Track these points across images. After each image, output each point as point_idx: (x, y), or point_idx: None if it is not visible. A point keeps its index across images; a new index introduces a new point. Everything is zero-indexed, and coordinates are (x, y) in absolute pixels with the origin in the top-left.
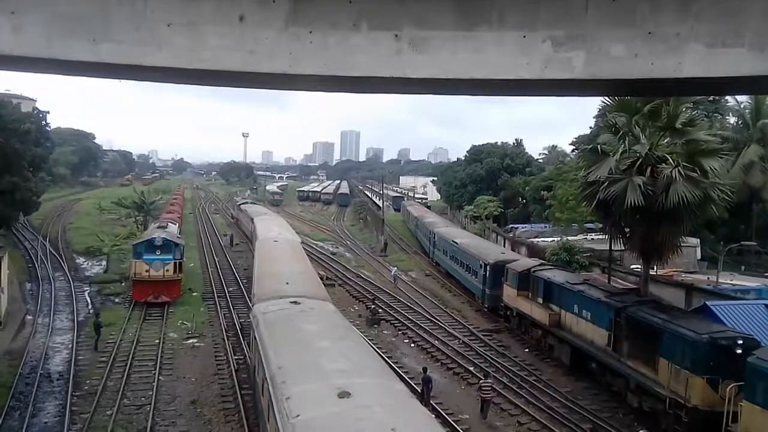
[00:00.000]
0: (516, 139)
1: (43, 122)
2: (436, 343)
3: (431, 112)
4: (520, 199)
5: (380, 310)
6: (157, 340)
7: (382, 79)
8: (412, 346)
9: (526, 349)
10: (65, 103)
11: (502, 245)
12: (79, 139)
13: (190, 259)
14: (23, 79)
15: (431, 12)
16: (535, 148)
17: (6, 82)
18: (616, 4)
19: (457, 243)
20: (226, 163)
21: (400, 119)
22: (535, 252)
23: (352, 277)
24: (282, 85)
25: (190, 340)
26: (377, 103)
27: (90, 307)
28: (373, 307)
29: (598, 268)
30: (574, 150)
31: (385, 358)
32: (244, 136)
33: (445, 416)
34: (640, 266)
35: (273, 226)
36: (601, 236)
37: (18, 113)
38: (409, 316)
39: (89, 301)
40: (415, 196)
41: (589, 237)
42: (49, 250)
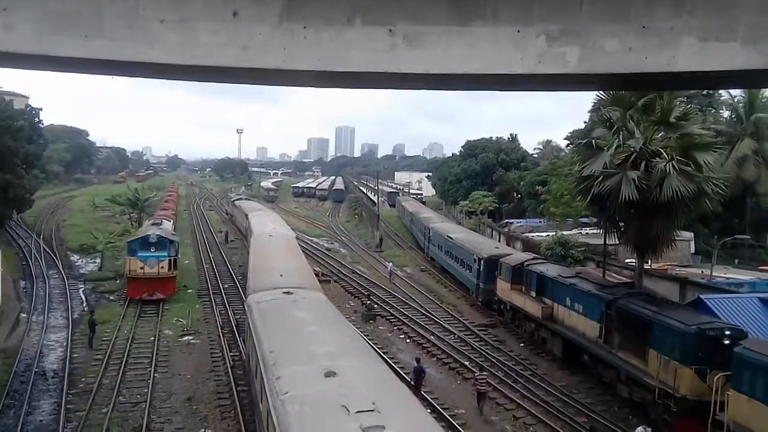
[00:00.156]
0: (511, 134)
1: (36, 119)
2: (432, 339)
3: (426, 108)
4: (515, 194)
5: (376, 306)
6: (153, 338)
7: (377, 74)
8: (408, 341)
9: (522, 344)
10: (58, 100)
11: (497, 240)
12: (73, 136)
13: (185, 256)
14: (16, 76)
15: (425, 7)
16: (530, 143)
17: None
18: None
19: (451, 238)
20: (221, 159)
21: (395, 115)
22: (530, 247)
23: (348, 273)
24: (276, 81)
25: (186, 337)
26: (372, 98)
27: (85, 304)
28: (369, 302)
29: (592, 262)
30: (568, 145)
31: (371, 344)
32: (239, 132)
33: (441, 411)
34: (634, 260)
35: (268, 222)
36: (595, 231)
37: (11, 110)
38: (405, 312)
39: (84, 298)
40: (410, 191)
41: (583, 231)
42: (43, 248)
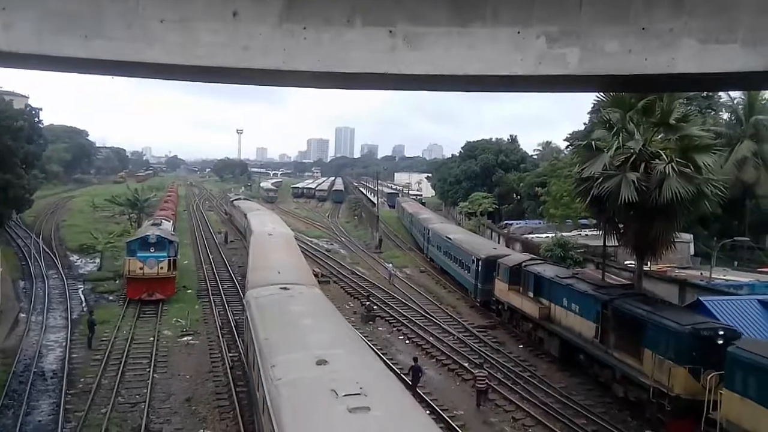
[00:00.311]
0: (510, 136)
1: (36, 119)
2: (431, 340)
3: (425, 109)
4: (515, 196)
5: (375, 307)
6: (152, 338)
7: (377, 75)
8: (407, 342)
9: (521, 345)
10: (58, 100)
11: (497, 241)
12: (72, 136)
13: (185, 256)
14: (15, 76)
15: (426, 8)
16: (530, 144)
17: None
18: (610, 0)
19: (450, 239)
20: (220, 159)
21: (395, 115)
22: (529, 248)
23: (347, 274)
24: (276, 82)
25: (185, 338)
26: (372, 99)
27: (84, 304)
28: (368, 303)
29: (592, 263)
30: (568, 146)
31: (363, 338)
32: (239, 132)
33: (440, 412)
34: (633, 262)
35: (266, 221)
36: (595, 232)
37: (10, 110)
38: (404, 313)
39: (83, 298)
40: (410, 192)
41: (583, 233)
42: (43, 248)
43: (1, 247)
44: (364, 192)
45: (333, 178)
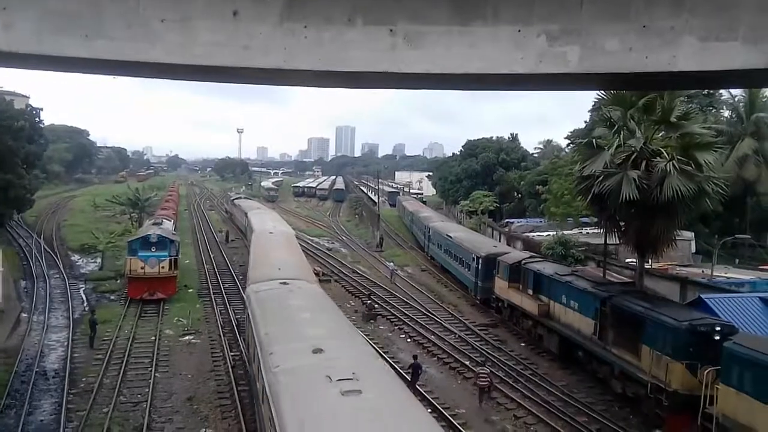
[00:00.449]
0: (511, 134)
1: (37, 119)
2: (432, 338)
3: (426, 108)
4: (516, 194)
5: (376, 306)
6: (153, 337)
7: (377, 74)
8: (409, 341)
9: (522, 343)
10: (59, 100)
11: (498, 240)
12: (73, 136)
13: (186, 255)
14: (16, 76)
15: (426, 7)
16: (531, 143)
17: None
18: None
19: (450, 237)
20: (221, 159)
21: (396, 114)
22: (530, 246)
23: (348, 273)
24: (276, 81)
25: (186, 337)
26: (372, 98)
27: (85, 304)
28: (369, 302)
29: (593, 262)
30: (569, 144)
31: (356, 329)
32: (239, 132)
33: (441, 410)
34: (635, 260)
35: (267, 220)
36: (596, 230)
37: (11, 110)
38: (405, 311)
39: (84, 298)
40: (411, 191)
41: (584, 231)
42: (44, 248)
43: (3, 246)
44: (365, 191)
45: (334, 177)
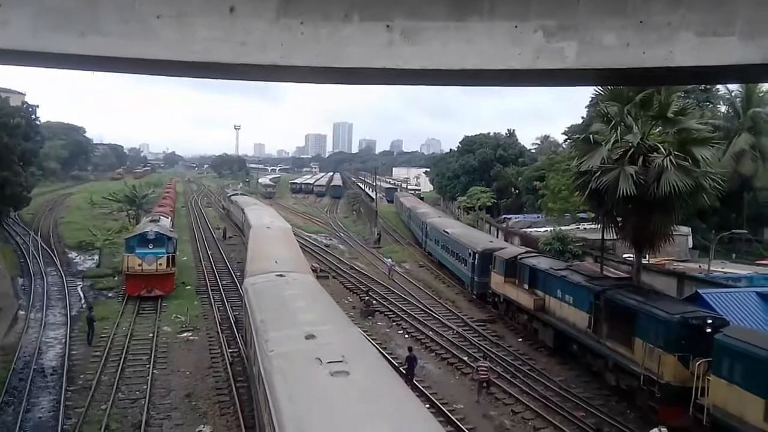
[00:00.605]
0: (508, 130)
1: (33, 116)
2: (430, 334)
3: (423, 103)
4: (513, 190)
5: (374, 302)
6: (151, 334)
7: (374, 70)
8: (407, 336)
9: (520, 339)
10: (55, 96)
11: (495, 236)
12: (70, 133)
13: (183, 252)
14: (12, 73)
15: (423, 2)
16: (528, 138)
17: None
18: None
19: (447, 232)
20: (218, 156)
21: (393, 111)
22: (528, 242)
23: (346, 269)
24: (273, 77)
25: (184, 334)
26: (369, 94)
27: (83, 301)
28: (367, 298)
29: (590, 257)
30: (566, 140)
31: (347, 317)
32: (236, 128)
33: (440, 405)
34: (632, 255)
35: (264, 215)
36: (593, 226)
37: (7, 107)
38: (403, 307)
39: (82, 295)
40: (408, 187)
41: (581, 226)
42: (41, 245)
43: (0, 244)
44: (363, 187)
45: (331, 174)
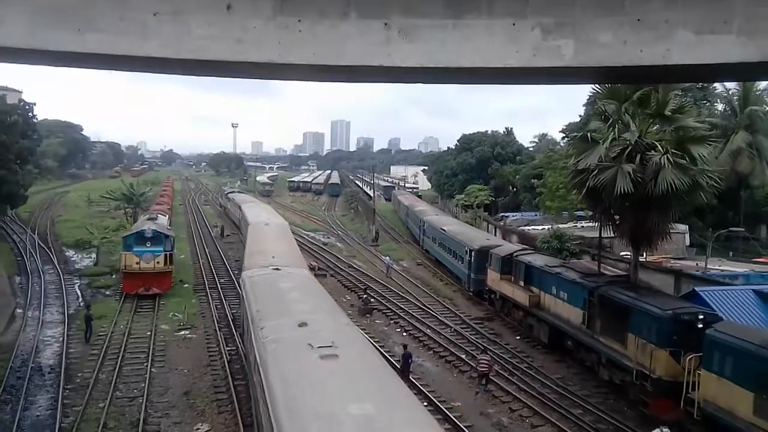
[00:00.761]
0: (506, 128)
1: (30, 114)
2: (428, 332)
3: (422, 101)
4: (511, 188)
5: (372, 300)
6: (149, 332)
7: (372, 68)
8: (404, 334)
9: (517, 337)
10: (52, 94)
11: (493, 234)
12: (67, 131)
13: (181, 250)
14: (8, 71)
15: (421, 0)
16: (526, 137)
17: None
18: None
19: (444, 230)
20: (216, 154)
21: (391, 109)
22: (525, 240)
23: (344, 267)
24: (271, 75)
25: (182, 332)
26: (367, 92)
27: (80, 300)
28: (366, 296)
29: (588, 255)
30: (564, 138)
31: (338, 307)
32: (234, 126)
33: (438, 404)
34: (629, 253)
35: (261, 212)
36: (591, 224)
37: (4, 105)
38: (401, 305)
39: (79, 293)
40: (406, 185)
41: (579, 225)
42: (38, 243)
43: None
44: (361, 185)
45: (329, 172)
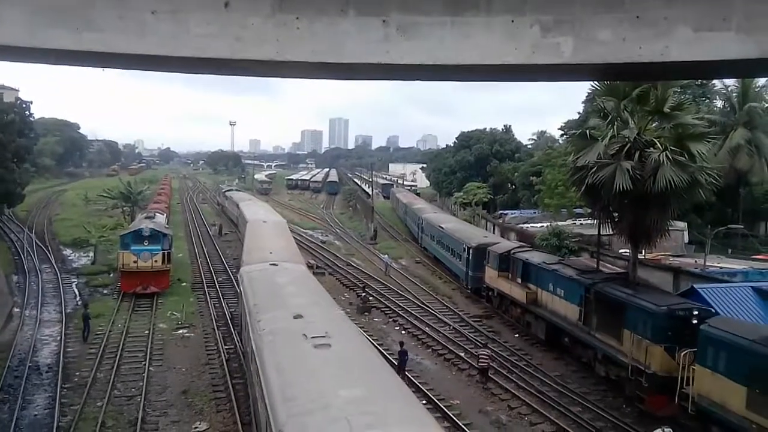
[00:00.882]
0: (505, 125)
1: (27, 112)
2: (427, 330)
3: (420, 99)
4: (510, 185)
5: (371, 298)
6: (147, 331)
7: (370, 65)
8: (403, 332)
9: (516, 334)
10: (49, 93)
11: (492, 231)
12: (64, 129)
13: (179, 249)
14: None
15: None
16: (524, 134)
17: None
18: None
19: (443, 228)
20: (214, 152)
21: (389, 106)
22: (524, 238)
23: (343, 266)
24: (269, 73)
25: (180, 331)
26: (366, 90)
27: (78, 298)
28: (364, 295)
29: (587, 252)
30: (562, 135)
31: (332, 300)
32: (231, 124)
33: (437, 402)
34: (628, 250)
35: (259, 210)
36: (589, 221)
37: (0, 103)
38: (400, 304)
39: (77, 292)
40: (405, 183)
41: (578, 222)
42: (36, 242)
43: None
44: (359, 183)
45: (327, 170)
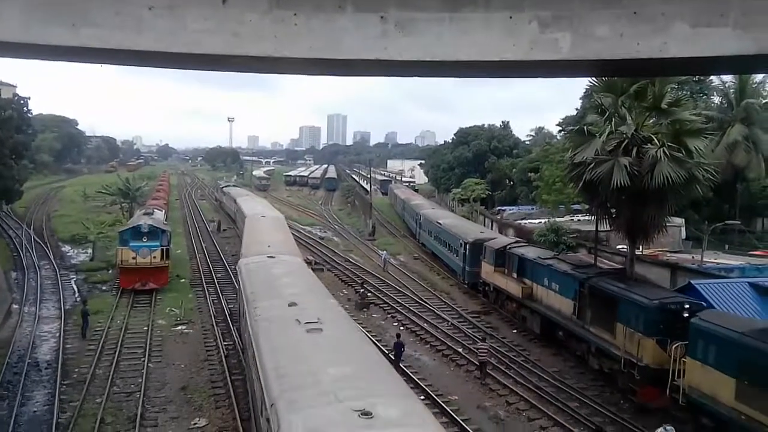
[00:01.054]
0: (503, 122)
1: (25, 108)
2: (425, 326)
3: (418, 95)
4: (508, 181)
5: (369, 294)
6: (146, 327)
7: (368, 61)
8: (401, 328)
9: (514, 330)
10: (47, 89)
11: (490, 227)
12: (62, 125)
13: (177, 245)
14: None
15: None
16: (522, 130)
17: None
18: None
19: (440, 224)
20: (212, 148)
21: (387, 102)
22: (522, 234)
23: (341, 262)
24: (267, 69)
25: (179, 327)
26: (364, 86)
27: (77, 295)
28: (362, 291)
29: (584, 248)
30: (560, 131)
31: (326, 290)
32: (230, 120)
33: (435, 398)
34: (626, 246)
35: (257, 206)
36: (587, 217)
37: None
38: (398, 299)
39: (76, 289)
40: (403, 179)
41: (575, 218)
42: (34, 239)
43: None
44: (357, 179)
45: (325, 166)
